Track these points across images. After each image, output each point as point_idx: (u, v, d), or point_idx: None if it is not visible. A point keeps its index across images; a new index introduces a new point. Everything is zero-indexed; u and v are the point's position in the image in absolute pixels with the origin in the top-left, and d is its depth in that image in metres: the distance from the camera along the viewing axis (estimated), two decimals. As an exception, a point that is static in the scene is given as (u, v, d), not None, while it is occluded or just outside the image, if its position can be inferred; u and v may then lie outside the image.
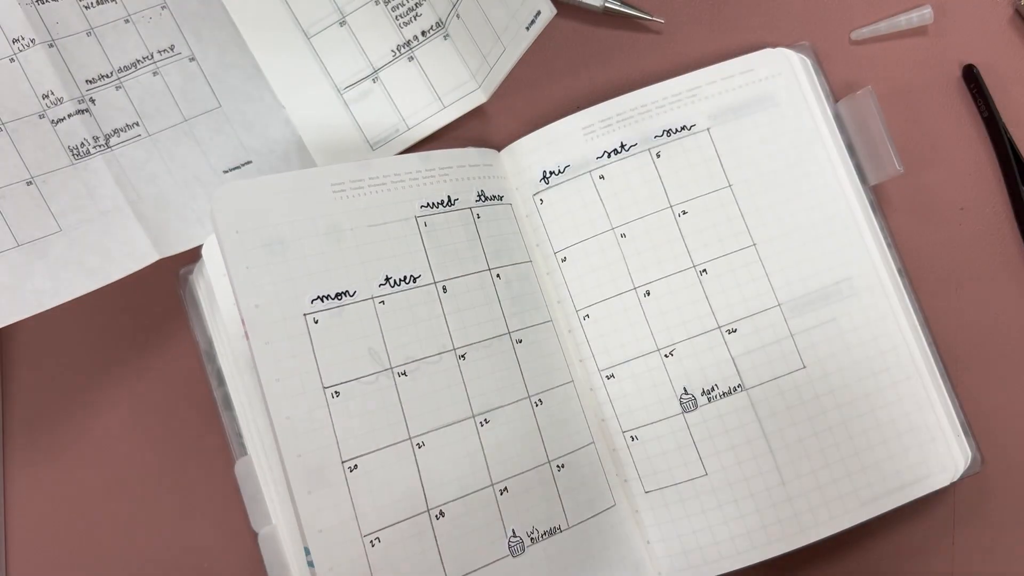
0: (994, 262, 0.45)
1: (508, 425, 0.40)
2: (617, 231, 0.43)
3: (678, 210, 0.43)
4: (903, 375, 0.42)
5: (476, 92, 0.46)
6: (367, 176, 0.40)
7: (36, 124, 0.42)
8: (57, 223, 0.42)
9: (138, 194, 0.42)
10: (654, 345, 0.42)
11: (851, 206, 0.43)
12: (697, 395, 0.42)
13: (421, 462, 0.38)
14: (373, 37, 0.47)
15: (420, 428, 0.39)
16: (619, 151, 0.43)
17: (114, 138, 0.43)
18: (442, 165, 0.42)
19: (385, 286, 0.40)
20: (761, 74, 0.44)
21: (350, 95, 0.47)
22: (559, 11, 0.38)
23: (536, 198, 0.44)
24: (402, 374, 0.39)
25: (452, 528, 0.38)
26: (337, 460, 0.37)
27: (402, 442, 0.38)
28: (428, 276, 0.40)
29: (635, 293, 0.42)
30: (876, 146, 0.42)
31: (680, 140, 0.43)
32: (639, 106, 0.44)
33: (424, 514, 0.38)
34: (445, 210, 0.42)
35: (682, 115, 0.44)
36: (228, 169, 0.45)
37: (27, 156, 0.42)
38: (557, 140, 0.44)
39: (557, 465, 0.41)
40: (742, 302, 0.42)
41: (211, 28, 0.46)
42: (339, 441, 0.37)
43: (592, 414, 0.42)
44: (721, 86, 0.44)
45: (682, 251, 0.43)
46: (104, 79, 0.43)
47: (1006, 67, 0.46)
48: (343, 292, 0.39)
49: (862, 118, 0.43)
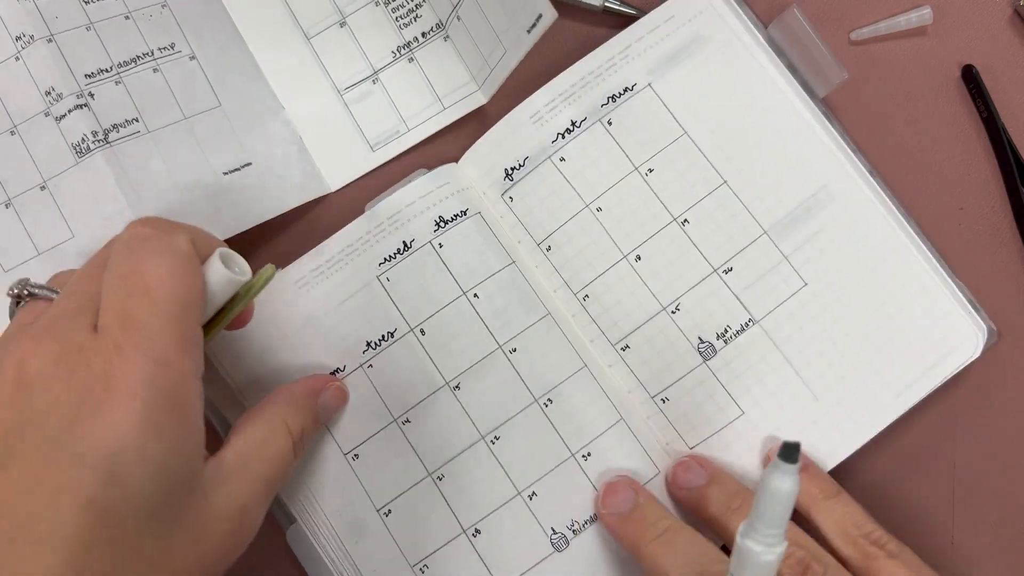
0: (993, 262, 0.45)
1: (519, 435, 0.42)
2: (592, 207, 0.43)
3: (644, 170, 0.43)
4: (901, 263, 0.42)
5: (476, 94, 0.46)
6: (323, 260, 0.43)
7: (42, 123, 0.42)
8: (70, 229, 0.42)
9: (139, 196, 0.41)
10: (659, 306, 0.42)
11: (806, 120, 0.43)
12: (713, 341, 0.42)
13: (445, 492, 0.41)
14: (373, 38, 0.47)
15: (436, 463, 0.42)
16: (571, 130, 0.44)
17: (113, 133, 0.42)
18: (390, 215, 0.43)
19: (369, 351, 0.42)
20: (683, 18, 0.44)
21: (350, 96, 0.47)
22: (559, 10, 0.38)
23: (506, 197, 0.44)
24: (406, 422, 0.42)
25: (491, 541, 0.41)
26: (372, 509, 0.41)
27: (423, 480, 0.41)
28: (403, 326, 0.42)
29: (626, 261, 0.43)
30: (815, 59, 0.43)
31: (626, 102, 0.44)
32: (578, 80, 0.44)
33: (461, 535, 0.41)
34: (403, 257, 0.43)
35: (621, 78, 0.44)
36: (229, 171, 0.44)
37: (38, 158, 0.42)
38: (509, 135, 0.44)
39: (583, 455, 0.42)
40: (729, 240, 0.43)
41: (212, 28, 0.46)
42: (369, 494, 0.42)
43: (615, 392, 0.43)
44: (649, 39, 0.44)
45: (659, 209, 0.43)
46: (103, 73, 0.43)
47: (1005, 67, 0.46)
48: (336, 370, 0.42)
49: (795, 36, 0.43)
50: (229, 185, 0.43)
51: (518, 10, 0.40)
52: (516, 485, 0.41)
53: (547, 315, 0.43)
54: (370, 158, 0.46)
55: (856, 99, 0.46)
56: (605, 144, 0.43)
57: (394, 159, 0.46)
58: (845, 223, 0.43)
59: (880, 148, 0.45)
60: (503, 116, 0.44)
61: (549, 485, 0.41)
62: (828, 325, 0.42)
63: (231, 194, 0.43)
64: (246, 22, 0.46)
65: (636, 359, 0.42)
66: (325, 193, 0.46)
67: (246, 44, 0.46)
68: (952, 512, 0.44)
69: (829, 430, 0.41)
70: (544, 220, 0.43)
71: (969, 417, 0.44)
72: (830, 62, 0.42)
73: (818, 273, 0.42)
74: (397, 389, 0.42)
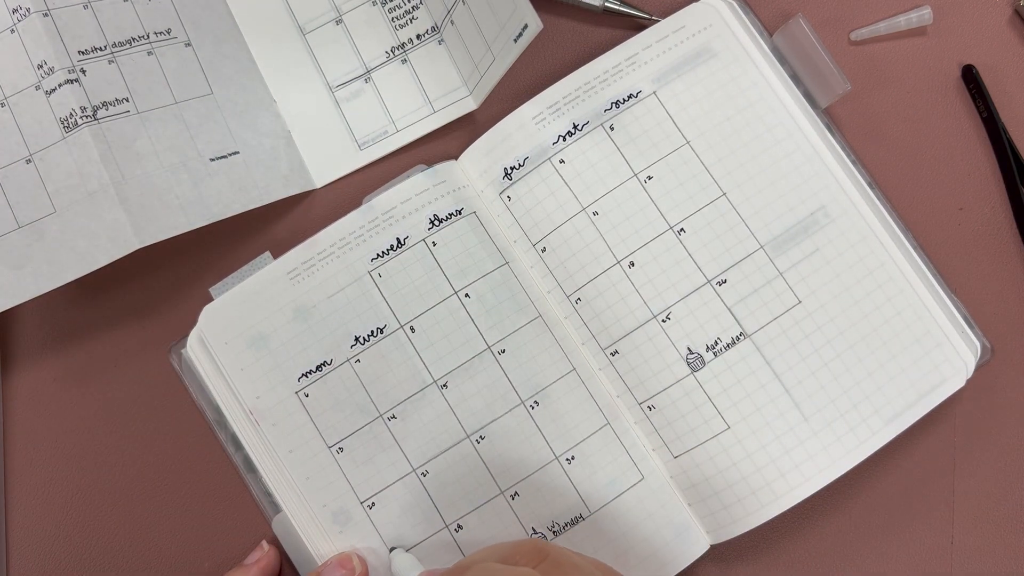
0: (993, 262, 0.45)
1: (504, 435, 0.42)
2: (588, 210, 0.43)
3: (643, 177, 0.43)
4: (896, 289, 0.42)
5: (467, 99, 0.46)
6: (315, 253, 0.43)
7: (33, 96, 0.42)
8: (52, 204, 0.42)
9: (123, 174, 0.42)
10: (649, 313, 0.42)
11: (808, 137, 0.43)
12: (702, 352, 0.42)
13: (429, 487, 0.42)
14: (368, 37, 0.47)
15: (421, 459, 0.42)
16: (573, 132, 0.44)
17: (102, 111, 0.42)
18: (385, 209, 0.43)
19: (356, 346, 0.43)
20: (693, 29, 0.44)
21: (341, 94, 0.47)
22: (559, 11, 0.38)
23: (503, 196, 0.44)
24: (392, 417, 0.42)
25: (472, 537, 0.42)
26: (356, 502, 0.42)
27: (407, 475, 0.42)
28: (393, 323, 0.43)
29: (619, 267, 0.43)
30: (819, 69, 0.43)
31: (629, 109, 0.44)
32: (582, 84, 0.44)
33: (444, 530, 0.42)
34: (396, 253, 0.43)
35: (626, 85, 0.44)
36: (215, 157, 0.44)
37: (26, 131, 0.42)
38: (511, 135, 0.44)
39: (567, 459, 0.42)
40: (725, 252, 0.42)
41: (209, 17, 0.46)
42: (354, 487, 0.42)
43: (603, 396, 0.42)
44: (657, 48, 0.44)
45: (656, 216, 0.43)
46: (97, 51, 0.43)
47: (1005, 67, 0.46)
48: (322, 363, 0.43)
49: (799, 45, 0.43)
50: (215, 171, 0.44)
51: (506, 18, 0.40)
52: (499, 484, 0.42)
53: (538, 317, 0.43)
54: (357, 156, 0.47)
55: (856, 99, 0.46)
56: (606, 149, 0.43)
57: (392, 155, 0.47)
58: (842, 245, 0.42)
59: (880, 148, 0.45)
60: (493, 122, 0.44)
61: (532, 486, 0.42)
62: (821, 345, 0.41)
63: (216, 180, 0.44)
64: (244, 14, 0.47)
65: (624, 365, 0.42)
66: (310, 188, 0.46)
67: (242, 35, 0.47)
68: (952, 512, 0.43)
69: (816, 453, 0.41)
70: (541, 221, 0.43)
71: (969, 417, 0.44)
72: (833, 72, 0.42)
73: (813, 292, 0.42)
74: (384, 385, 0.42)
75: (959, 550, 0.43)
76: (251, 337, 0.43)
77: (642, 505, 0.41)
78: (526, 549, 0.33)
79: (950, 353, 0.41)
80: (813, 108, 0.43)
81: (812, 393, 0.41)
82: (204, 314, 0.43)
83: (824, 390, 0.41)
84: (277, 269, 0.43)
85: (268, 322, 0.43)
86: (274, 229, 0.47)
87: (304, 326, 0.43)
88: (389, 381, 0.42)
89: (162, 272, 0.47)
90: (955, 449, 0.44)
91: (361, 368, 0.42)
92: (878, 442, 0.41)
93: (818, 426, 0.41)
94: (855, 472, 0.41)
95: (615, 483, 0.42)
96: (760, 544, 0.44)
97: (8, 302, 0.42)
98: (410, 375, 0.42)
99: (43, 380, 0.46)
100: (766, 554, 0.44)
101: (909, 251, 0.42)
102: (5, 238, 0.42)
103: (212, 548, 0.45)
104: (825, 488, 0.40)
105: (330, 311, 0.43)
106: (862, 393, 0.41)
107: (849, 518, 0.44)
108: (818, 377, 0.41)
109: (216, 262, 0.46)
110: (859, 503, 0.44)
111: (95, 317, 0.47)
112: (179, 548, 0.45)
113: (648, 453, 0.42)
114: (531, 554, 0.32)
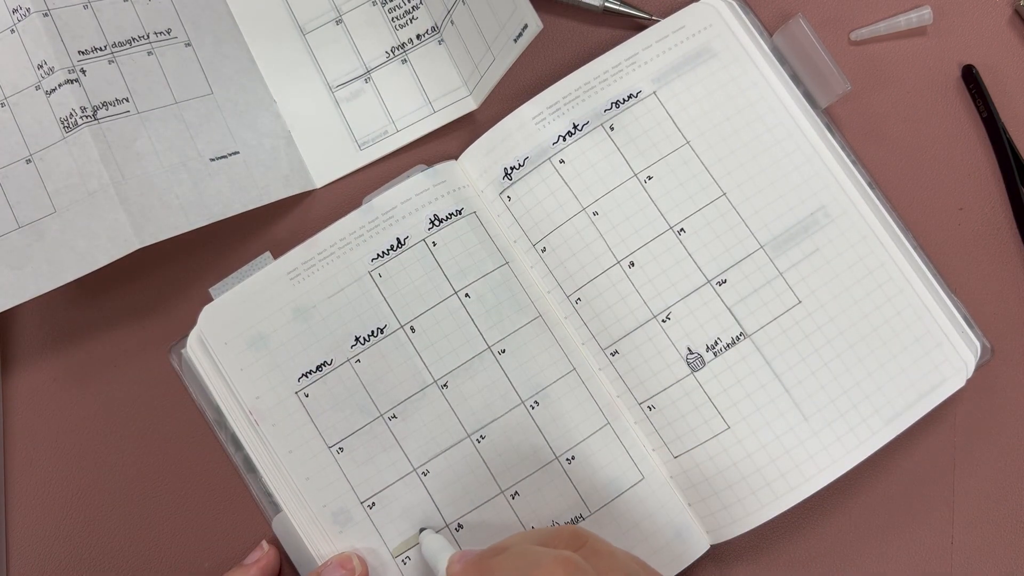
0: (993, 262, 0.45)
1: (505, 435, 0.42)
2: (588, 210, 0.43)
3: (643, 177, 0.43)
4: (896, 289, 0.42)
5: (466, 99, 0.46)
6: (315, 253, 0.43)
7: (33, 96, 0.42)
8: (52, 204, 0.42)
9: (123, 174, 0.42)
10: (649, 313, 0.42)
11: (808, 137, 0.43)
12: (702, 352, 0.42)
13: (430, 487, 0.42)
14: (368, 37, 0.47)
15: (421, 458, 0.42)
16: (573, 132, 0.44)
17: (102, 111, 0.42)
18: (385, 210, 0.43)
19: (357, 346, 0.43)
20: (693, 29, 0.44)
21: (341, 94, 0.47)
22: (559, 11, 0.38)
23: (503, 196, 0.44)
24: (392, 417, 0.42)
25: (473, 537, 0.42)
26: (357, 502, 0.42)
27: (408, 475, 0.42)
28: (394, 323, 0.43)
29: (619, 267, 0.43)
30: (819, 69, 0.43)
31: (629, 109, 0.44)
32: (582, 85, 0.44)
33: (445, 529, 0.42)
34: (396, 254, 0.43)
35: (626, 85, 0.44)
36: (215, 157, 0.44)
37: (26, 131, 0.42)
38: (511, 135, 0.44)
39: (567, 458, 0.42)
40: (725, 252, 0.42)
41: (209, 17, 0.47)
42: (354, 487, 0.42)
43: (603, 396, 0.42)
44: (657, 48, 0.44)
45: (655, 216, 0.43)
46: (97, 51, 0.43)
47: (1005, 67, 0.46)
48: (322, 364, 0.43)
49: (799, 45, 0.43)
50: (215, 171, 0.44)
51: (506, 18, 0.40)
52: (500, 484, 0.42)
53: (538, 317, 0.43)
54: (357, 156, 0.47)
55: (856, 99, 0.46)
56: (606, 149, 0.43)
57: (392, 155, 0.47)
58: (842, 245, 0.42)
59: (880, 148, 0.45)
60: (493, 122, 0.44)
61: (532, 486, 0.42)
62: (820, 345, 0.41)
63: (216, 180, 0.44)
64: (244, 14, 0.47)
65: (624, 365, 0.42)
66: (310, 188, 0.46)
67: (242, 35, 0.47)
68: (952, 512, 0.43)
69: (816, 452, 0.41)
70: (541, 221, 0.43)
71: (969, 417, 0.44)
72: (833, 72, 0.42)
73: (813, 292, 0.42)
74: (384, 385, 0.42)
75: (959, 550, 0.43)
76: (251, 337, 0.43)
77: (642, 505, 0.41)
78: (565, 535, 0.33)
79: (950, 353, 0.41)
80: (813, 108, 0.43)
81: (812, 393, 0.41)
82: (204, 314, 0.43)
83: (824, 390, 0.41)
84: (277, 269, 0.43)
85: (268, 322, 0.43)
86: (274, 229, 0.47)
87: (304, 326, 0.43)
88: (389, 381, 0.42)
89: (162, 272, 0.47)
90: (955, 449, 0.44)
91: (361, 368, 0.42)
92: (878, 442, 0.41)
93: (818, 426, 0.41)
94: (855, 472, 0.41)
95: (615, 483, 0.42)
96: (760, 544, 0.44)
97: (8, 302, 0.42)
98: (410, 375, 0.42)
99: (43, 380, 0.46)
100: (766, 554, 0.44)
101: (909, 251, 0.42)
102: (5, 238, 0.42)
103: (212, 548, 0.45)
104: (825, 488, 0.41)
105: (330, 311, 0.43)
106: (862, 393, 0.41)
107: (849, 518, 0.44)
108: (818, 377, 0.41)
109: (216, 262, 0.46)
110: (859, 503, 0.44)
111: (95, 317, 0.47)
112: (179, 548, 0.45)
113: (648, 453, 0.42)
114: (570, 539, 0.33)
